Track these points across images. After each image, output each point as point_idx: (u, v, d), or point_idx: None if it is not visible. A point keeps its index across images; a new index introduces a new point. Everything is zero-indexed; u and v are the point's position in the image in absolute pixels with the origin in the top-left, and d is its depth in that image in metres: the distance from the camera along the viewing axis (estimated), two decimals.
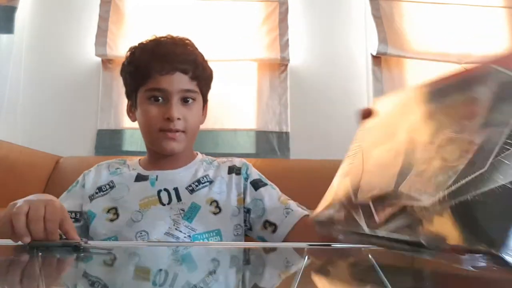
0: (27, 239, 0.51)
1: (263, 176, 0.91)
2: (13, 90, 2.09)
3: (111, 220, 0.78)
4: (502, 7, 2.30)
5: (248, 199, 0.84)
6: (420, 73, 2.22)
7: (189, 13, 2.17)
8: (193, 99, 0.81)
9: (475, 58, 2.18)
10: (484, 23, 2.25)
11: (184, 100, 0.80)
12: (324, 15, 2.26)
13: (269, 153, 2.07)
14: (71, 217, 0.75)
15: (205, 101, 0.88)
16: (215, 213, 0.81)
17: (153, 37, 0.83)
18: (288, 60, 2.15)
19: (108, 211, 0.80)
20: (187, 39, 0.84)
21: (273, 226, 0.81)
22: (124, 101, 2.10)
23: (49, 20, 2.19)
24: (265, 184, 0.87)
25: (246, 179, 0.87)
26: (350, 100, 2.21)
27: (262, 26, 2.17)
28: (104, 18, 2.12)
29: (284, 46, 2.13)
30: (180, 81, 0.78)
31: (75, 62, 2.15)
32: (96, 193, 0.83)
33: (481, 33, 2.23)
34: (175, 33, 0.85)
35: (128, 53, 0.84)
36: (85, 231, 0.82)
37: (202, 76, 0.83)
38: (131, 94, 0.84)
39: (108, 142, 2.02)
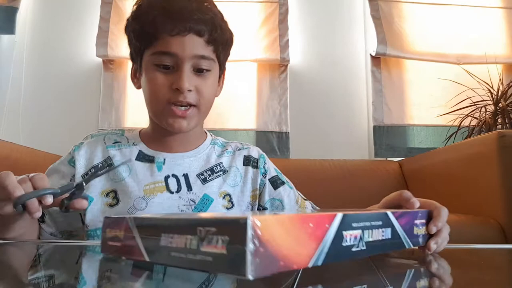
0: (20, 192, 0.48)
1: (278, 170, 0.82)
2: (15, 91, 2.10)
3: (111, 206, 0.68)
4: (501, 8, 2.31)
5: (266, 197, 0.76)
6: (419, 74, 2.23)
7: None
8: (208, 70, 0.67)
9: (473, 59, 2.19)
10: (483, 24, 2.26)
11: (198, 70, 0.66)
12: (324, 16, 2.27)
13: (269, 153, 2.06)
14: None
15: (222, 69, 0.74)
16: (227, 208, 0.73)
17: None
18: (288, 61, 2.16)
19: (107, 195, 0.69)
20: None
21: None
22: (125, 101, 2.15)
23: (50, 21, 2.20)
24: (283, 183, 0.79)
25: (264, 174, 0.77)
26: (350, 100, 2.22)
27: (262, 27, 2.18)
28: (105, 19, 2.13)
29: (284, 46, 2.14)
30: (193, 45, 0.64)
31: (76, 63, 2.16)
32: (90, 171, 0.71)
33: (480, 33, 2.24)
34: None
35: (134, 6, 0.69)
36: (74, 219, 0.70)
37: (220, 40, 0.68)
38: (135, 56, 0.70)
39: None
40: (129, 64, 2.14)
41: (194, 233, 0.28)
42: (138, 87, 0.73)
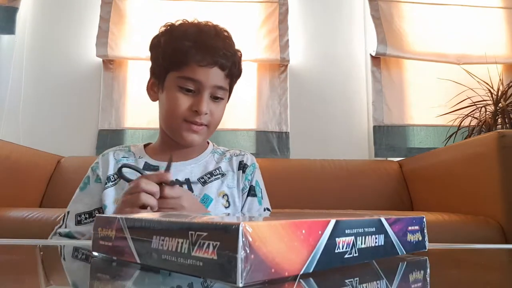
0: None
1: (262, 183, 0.89)
2: (15, 91, 2.10)
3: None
4: (501, 8, 2.31)
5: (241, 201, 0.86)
6: (419, 74, 2.23)
7: (189, 14, 2.17)
8: (222, 98, 0.78)
9: (473, 59, 2.19)
10: (483, 24, 2.27)
11: (214, 97, 0.76)
12: (324, 16, 2.27)
13: (269, 153, 2.08)
14: (94, 215, 0.75)
15: (229, 95, 0.86)
16: (226, 207, 0.80)
17: (194, 21, 0.80)
18: (288, 61, 2.16)
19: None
20: (226, 31, 0.80)
21: None
22: (125, 101, 2.15)
23: (50, 21, 2.20)
24: (255, 195, 0.85)
25: (248, 181, 0.85)
26: (350, 100, 2.22)
27: (262, 27, 2.18)
28: (105, 19, 2.13)
29: (284, 46, 2.14)
30: (216, 76, 0.75)
31: (76, 63, 2.16)
32: (106, 183, 0.79)
33: (480, 33, 2.25)
34: None
35: (163, 29, 0.79)
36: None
37: (235, 75, 0.81)
38: (159, 73, 0.78)
39: (109, 142, 2.02)
40: (129, 64, 2.16)
41: (186, 237, 0.28)
42: (154, 99, 0.82)
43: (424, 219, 0.46)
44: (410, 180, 1.85)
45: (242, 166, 0.86)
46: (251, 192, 0.85)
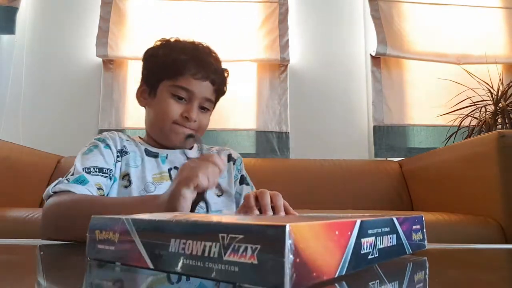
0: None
1: (248, 176, 0.98)
2: (15, 91, 2.10)
3: (125, 187, 0.79)
4: (501, 8, 2.31)
5: (234, 189, 0.93)
6: (419, 74, 2.23)
7: (189, 14, 2.18)
8: (208, 109, 0.87)
9: (473, 59, 2.19)
10: (483, 24, 2.26)
11: (202, 108, 0.85)
12: (324, 16, 2.27)
13: (269, 153, 2.08)
14: (107, 174, 0.75)
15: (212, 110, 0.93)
16: (218, 195, 0.86)
17: (191, 40, 0.88)
18: (288, 61, 2.16)
19: (123, 178, 0.80)
20: (215, 53, 0.90)
21: None
22: (125, 101, 2.15)
23: (50, 21, 2.20)
24: (248, 184, 0.94)
25: (238, 170, 0.94)
26: (350, 100, 2.22)
27: (262, 27, 2.18)
28: (105, 19, 2.13)
29: (284, 46, 2.14)
30: (206, 89, 0.83)
31: (76, 63, 2.16)
32: (118, 156, 0.82)
33: (480, 33, 2.24)
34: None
35: (159, 43, 0.87)
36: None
37: (222, 90, 0.90)
38: (152, 81, 0.86)
39: None
40: (129, 64, 2.16)
41: (215, 240, 0.26)
42: (143, 104, 0.90)
43: (423, 218, 0.46)
44: (410, 180, 1.84)
45: (232, 159, 0.94)
46: (244, 181, 0.93)
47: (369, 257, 0.32)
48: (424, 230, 0.46)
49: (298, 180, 1.81)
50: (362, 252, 0.31)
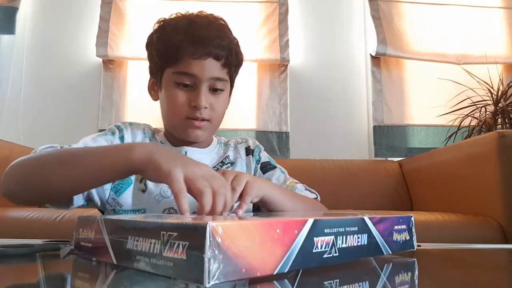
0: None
1: (272, 159, 0.89)
2: (15, 91, 2.10)
3: (142, 191, 0.73)
4: (501, 8, 2.31)
5: None
6: (419, 74, 2.23)
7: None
8: (222, 90, 0.75)
9: (473, 59, 2.19)
10: (483, 24, 2.26)
11: (213, 89, 0.74)
12: (324, 16, 2.27)
13: (269, 153, 2.05)
14: None
15: (232, 86, 0.83)
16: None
17: (186, 13, 0.77)
18: (288, 61, 2.16)
19: (141, 181, 0.74)
20: (222, 19, 0.78)
21: None
22: (125, 101, 2.14)
23: (50, 21, 2.20)
24: (274, 167, 0.85)
25: (257, 161, 0.86)
26: (350, 100, 2.22)
27: (262, 27, 2.18)
28: (105, 19, 2.13)
29: (284, 46, 2.14)
30: (211, 68, 0.72)
31: (76, 63, 2.16)
32: None
33: (480, 33, 2.24)
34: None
35: (157, 25, 0.77)
36: (101, 193, 0.72)
37: (234, 63, 0.77)
38: (156, 72, 0.77)
39: None
40: (129, 64, 2.16)
41: (158, 237, 0.27)
42: (155, 99, 0.80)
43: (412, 218, 0.46)
44: (410, 180, 1.84)
45: (250, 151, 0.86)
46: (268, 167, 0.84)
47: (325, 255, 0.32)
48: (413, 231, 0.45)
49: (298, 180, 1.81)
50: (315, 251, 0.31)
